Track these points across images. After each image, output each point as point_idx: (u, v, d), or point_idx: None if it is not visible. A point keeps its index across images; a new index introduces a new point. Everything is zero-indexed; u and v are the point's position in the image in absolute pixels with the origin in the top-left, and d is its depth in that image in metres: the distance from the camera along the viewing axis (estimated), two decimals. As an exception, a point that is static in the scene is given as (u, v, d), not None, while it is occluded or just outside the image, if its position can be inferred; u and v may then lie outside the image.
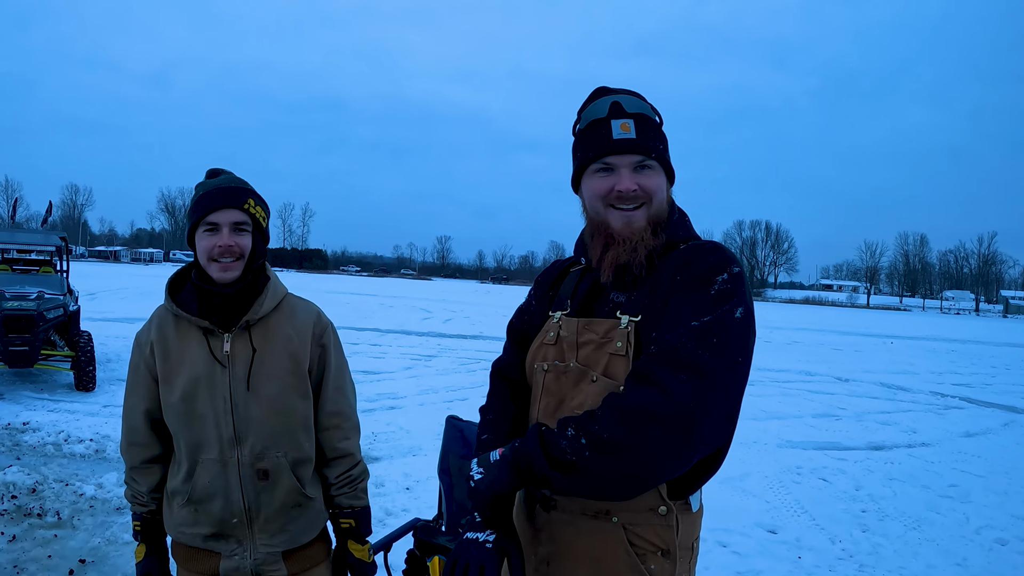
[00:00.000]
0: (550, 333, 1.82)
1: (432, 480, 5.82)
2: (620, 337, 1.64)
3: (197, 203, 2.06)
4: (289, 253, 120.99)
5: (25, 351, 9.39)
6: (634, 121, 1.72)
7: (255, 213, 2.08)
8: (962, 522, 6.04)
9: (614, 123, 1.72)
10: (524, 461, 1.57)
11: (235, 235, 2.04)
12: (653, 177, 1.73)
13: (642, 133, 1.72)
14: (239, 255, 2.04)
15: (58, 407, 8.76)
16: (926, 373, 17.36)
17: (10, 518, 5.09)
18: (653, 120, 1.76)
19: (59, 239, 11.95)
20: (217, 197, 2.04)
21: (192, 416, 2.06)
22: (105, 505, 5.46)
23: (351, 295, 41.31)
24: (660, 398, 1.44)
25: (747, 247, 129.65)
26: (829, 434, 9.44)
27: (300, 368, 2.15)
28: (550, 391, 1.75)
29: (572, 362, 1.71)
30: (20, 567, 4.34)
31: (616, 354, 1.64)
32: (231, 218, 2.03)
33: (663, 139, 1.78)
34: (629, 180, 1.71)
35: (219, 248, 2.02)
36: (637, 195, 1.71)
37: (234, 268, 2.04)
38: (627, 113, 1.73)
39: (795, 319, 44.48)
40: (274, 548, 2.12)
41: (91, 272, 45.37)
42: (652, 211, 1.73)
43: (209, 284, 2.06)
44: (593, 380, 1.65)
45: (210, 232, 2.03)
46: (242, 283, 2.07)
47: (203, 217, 2.02)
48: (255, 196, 2.11)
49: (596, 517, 1.65)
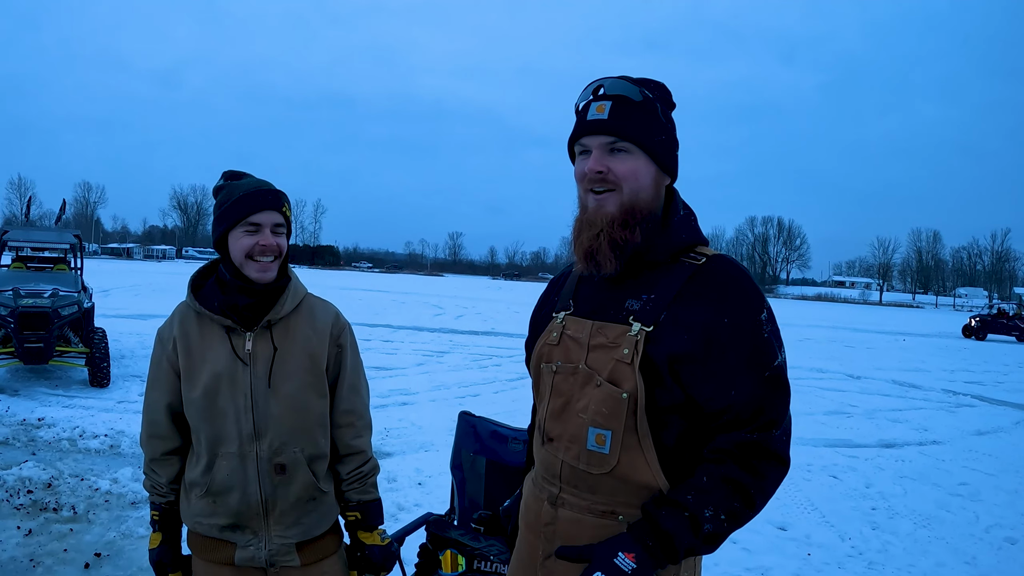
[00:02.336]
0: (553, 334, 1.81)
1: (444, 475, 5.85)
2: (628, 344, 1.63)
3: (237, 204, 2.08)
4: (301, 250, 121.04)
5: (40, 348, 9.46)
6: (611, 103, 1.66)
7: (288, 215, 2.15)
8: (972, 521, 6.03)
9: (593, 105, 1.69)
10: (668, 545, 1.54)
11: (274, 236, 2.10)
12: (627, 161, 1.66)
13: (617, 114, 1.66)
14: (278, 255, 2.11)
15: (73, 403, 8.84)
16: (938, 371, 17.33)
17: (26, 512, 5.15)
18: (636, 102, 1.67)
19: (73, 237, 12.00)
20: (260, 199, 2.08)
21: (213, 411, 2.11)
22: (120, 500, 5.52)
23: (363, 291, 41.39)
24: (778, 468, 1.64)
25: (759, 243, 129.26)
26: (840, 431, 9.44)
27: (318, 367, 2.20)
28: (559, 391, 1.76)
29: (582, 364, 1.71)
30: (36, 561, 4.40)
31: (622, 361, 1.63)
32: (272, 219, 2.09)
33: (651, 124, 1.68)
34: (595, 161, 1.66)
35: (260, 247, 2.06)
36: (605, 178, 1.66)
37: (272, 268, 2.11)
38: (606, 95, 1.68)
39: (807, 316, 44.35)
40: (288, 540, 2.17)
41: (104, 269, 45.59)
42: (625, 198, 1.67)
43: (243, 281, 2.10)
44: (598, 384, 1.66)
45: (251, 232, 2.07)
46: (279, 282, 2.14)
47: (245, 217, 2.06)
48: (288, 200, 2.18)
49: (603, 516, 1.67)
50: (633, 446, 1.62)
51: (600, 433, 1.65)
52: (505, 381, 12.12)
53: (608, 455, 1.64)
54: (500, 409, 8.64)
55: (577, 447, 1.69)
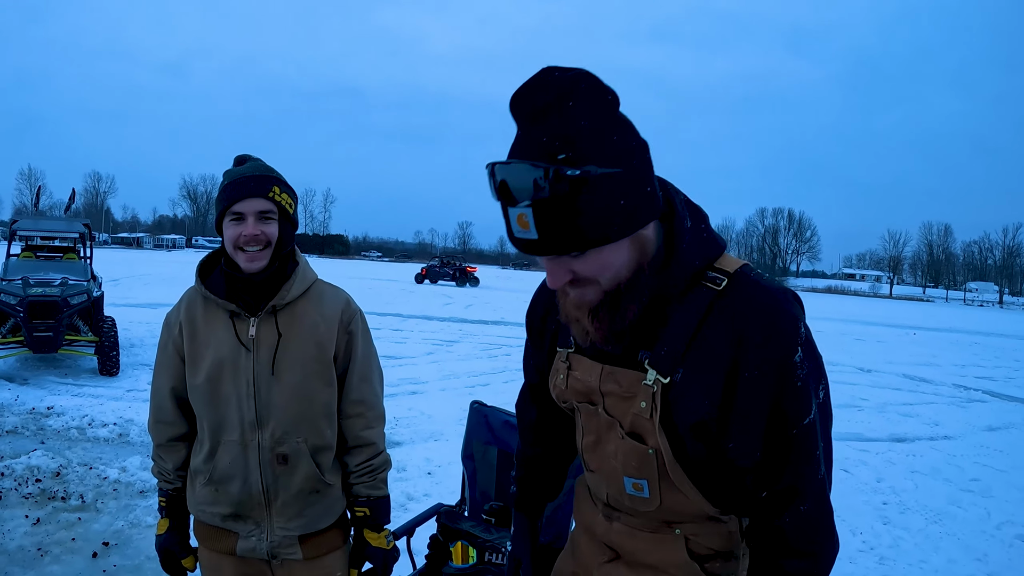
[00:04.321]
0: (560, 376, 1.62)
1: (453, 465, 5.84)
2: (644, 397, 1.43)
3: (223, 192, 2.06)
4: (311, 239, 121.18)
5: (49, 336, 9.50)
6: (532, 212, 1.20)
7: (281, 201, 2.07)
8: (983, 517, 5.99)
9: (511, 211, 1.24)
10: None
11: (260, 224, 2.02)
12: (590, 260, 1.29)
13: (549, 227, 1.21)
14: (265, 244, 2.04)
15: (82, 392, 8.87)
16: (949, 365, 17.22)
17: (34, 501, 5.16)
18: (564, 194, 1.18)
19: (83, 226, 12.05)
20: (242, 186, 2.02)
21: (216, 397, 2.08)
22: (129, 488, 5.52)
23: (373, 280, 41.42)
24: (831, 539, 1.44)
25: (769, 235, 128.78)
26: (851, 425, 9.37)
27: (325, 355, 2.15)
28: (588, 428, 1.62)
29: (600, 408, 1.54)
30: (44, 550, 4.40)
31: (640, 416, 1.45)
32: (256, 207, 2.02)
33: (598, 206, 1.21)
34: (554, 279, 1.34)
35: (244, 237, 2.01)
36: (574, 281, 1.35)
37: (260, 258, 2.04)
38: (518, 200, 1.20)
39: (817, 308, 44.16)
40: (290, 532, 2.14)
41: (114, 258, 45.69)
42: (606, 285, 1.34)
43: (236, 271, 2.07)
44: (621, 437, 1.51)
45: (236, 221, 2.02)
46: (269, 271, 2.07)
47: (228, 207, 2.02)
48: (281, 183, 2.09)
49: (657, 531, 1.58)
50: (673, 488, 1.51)
51: (636, 482, 1.53)
52: (515, 371, 12.08)
53: (649, 498, 1.54)
54: (510, 398, 8.53)
55: (616, 487, 1.59)
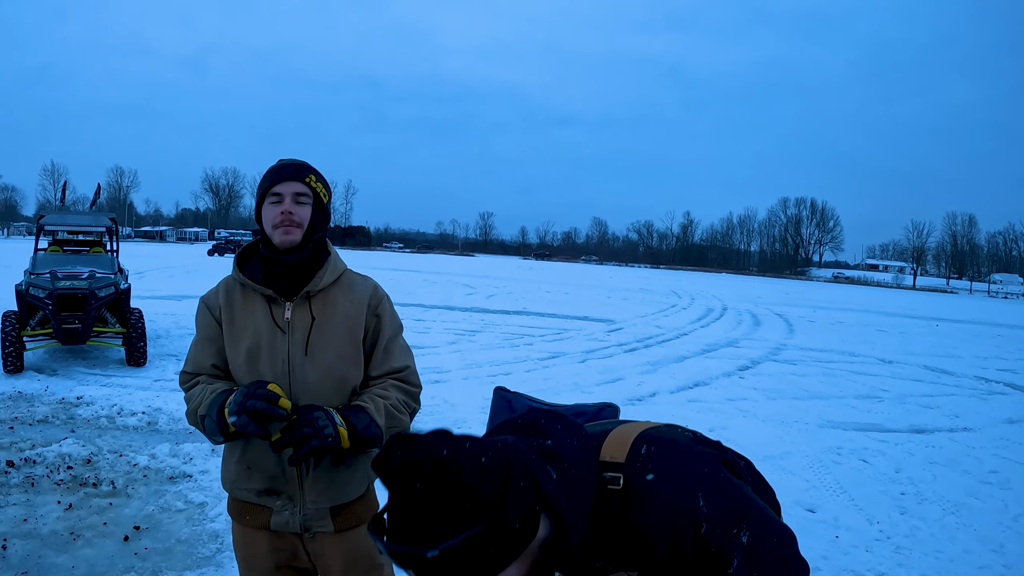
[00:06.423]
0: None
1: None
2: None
3: (264, 178, 2.24)
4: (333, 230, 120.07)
5: (78, 328, 9.69)
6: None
7: (316, 188, 2.23)
8: (1001, 509, 5.99)
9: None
10: None
11: (295, 204, 2.18)
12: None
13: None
14: (298, 223, 2.18)
15: (110, 382, 9.04)
16: (971, 357, 17.08)
17: (66, 487, 5.30)
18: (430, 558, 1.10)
19: (109, 220, 12.22)
20: (281, 171, 2.21)
21: (253, 376, 2.18)
22: (158, 474, 5.65)
23: (395, 271, 41.64)
24: None
25: (792, 225, 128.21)
26: (871, 415, 9.38)
27: (355, 337, 2.27)
28: None
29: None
30: (77, 533, 4.53)
31: None
32: (293, 189, 2.19)
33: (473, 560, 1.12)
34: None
35: (281, 215, 2.16)
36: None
37: (294, 232, 2.17)
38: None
39: (840, 299, 43.91)
40: (321, 504, 2.23)
41: (139, 252, 46.18)
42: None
43: (274, 253, 2.19)
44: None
45: (274, 203, 2.18)
46: (303, 251, 2.20)
47: (269, 189, 2.19)
48: (316, 174, 2.27)
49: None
50: None
51: None
52: (537, 360, 12.19)
53: None
54: (532, 387, 8.66)
55: None
